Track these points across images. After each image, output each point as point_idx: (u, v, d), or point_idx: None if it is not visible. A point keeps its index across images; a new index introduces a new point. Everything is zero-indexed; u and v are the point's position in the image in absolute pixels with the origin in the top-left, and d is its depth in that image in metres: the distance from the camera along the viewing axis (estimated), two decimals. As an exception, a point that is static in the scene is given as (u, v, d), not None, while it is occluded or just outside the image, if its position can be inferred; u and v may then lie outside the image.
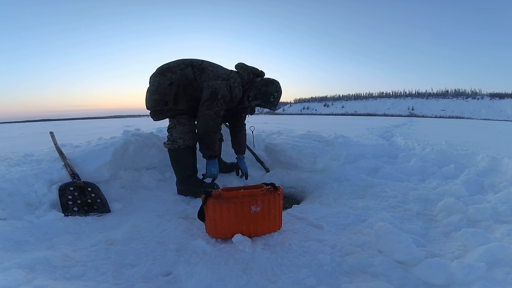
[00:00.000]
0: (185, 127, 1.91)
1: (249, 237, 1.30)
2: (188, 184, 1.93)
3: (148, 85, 1.94)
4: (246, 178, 2.29)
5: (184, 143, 1.90)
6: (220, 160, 2.39)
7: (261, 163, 2.55)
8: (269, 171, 2.47)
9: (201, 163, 2.08)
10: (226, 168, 2.43)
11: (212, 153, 1.88)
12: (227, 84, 1.86)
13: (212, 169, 1.92)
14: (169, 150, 1.95)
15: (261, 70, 2.07)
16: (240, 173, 2.30)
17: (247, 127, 2.38)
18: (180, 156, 1.92)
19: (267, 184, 1.40)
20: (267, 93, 1.96)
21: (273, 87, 1.97)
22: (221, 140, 2.49)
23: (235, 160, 2.32)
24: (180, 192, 1.96)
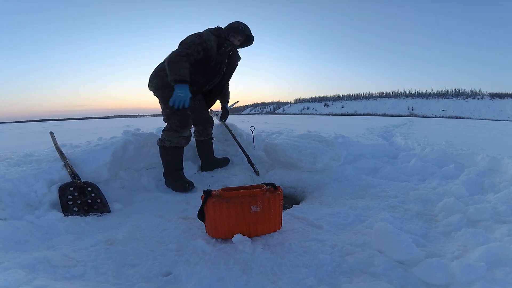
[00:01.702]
0: (175, 133, 2.08)
1: (249, 237, 1.30)
2: (168, 177, 2.13)
3: None
4: (225, 120, 2.86)
5: (170, 144, 2.09)
6: (212, 156, 2.57)
7: (252, 165, 2.53)
8: (259, 175, 2.45)
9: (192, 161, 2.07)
10: (218, 163, 2.56)
11: (177, 77, 1.90)
12: (196, 34, 2.10)
13: (178, 91, 1.90)
14: (159, 146, 2.16)
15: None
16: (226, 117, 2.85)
17: (247, 127, 2.49)
18: (165, 153, 2.13)
19: (267, 184, 1.40)
20: (233, 27, 2.19)
21: (235, 22, 2.22)
22: (211, 138, 2.62)
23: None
24: (166, 183, 2.16)
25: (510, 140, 5.56)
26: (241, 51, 2.46)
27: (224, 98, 2.69)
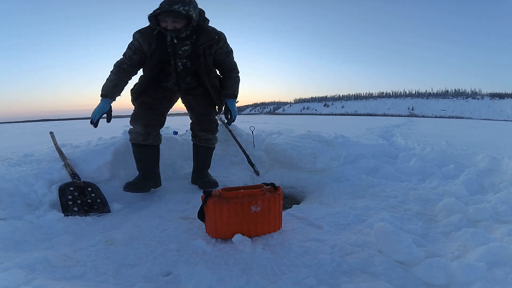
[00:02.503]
0: (132, 128, 1.98)
1: (249, 237, 1.30)
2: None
3: None
4: (229, 124, 2.20)
5: (131, 140, 1.97)
6: (199, 167, 2.18)
7: (252, 165, 2.52)
8: (259, 175, 2.44)
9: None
10: (201, 180, 2.12)
11: (102, 92, 1.92)
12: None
13: (97, 106, 1.92)
14: None
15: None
16: (228, 117, 2.10)
17: (247, 127, 2.37)
18: (132, 149, 1.99)
19: (267, 184, 1.40)
20: (155, 10, 1.78)
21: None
22: (206, 146, 2.17)
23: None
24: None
25: (510, 140, 5.56)
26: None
27: (224, 91, 2.06)
